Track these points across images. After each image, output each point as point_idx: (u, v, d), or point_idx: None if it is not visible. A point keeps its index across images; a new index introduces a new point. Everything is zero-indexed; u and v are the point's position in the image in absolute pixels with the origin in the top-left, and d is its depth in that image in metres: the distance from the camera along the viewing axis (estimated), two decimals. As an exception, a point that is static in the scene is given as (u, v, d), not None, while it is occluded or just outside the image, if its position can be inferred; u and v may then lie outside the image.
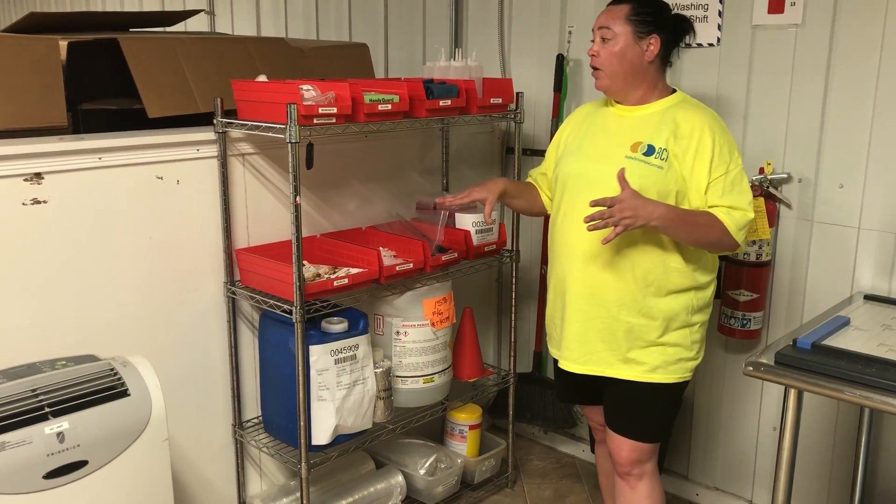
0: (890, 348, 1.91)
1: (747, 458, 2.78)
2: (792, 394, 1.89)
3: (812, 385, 1.82)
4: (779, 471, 1.95)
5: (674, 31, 2.07)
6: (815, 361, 1.85)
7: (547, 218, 2.46)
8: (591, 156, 2.11)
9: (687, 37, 2.12)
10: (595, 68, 2.09)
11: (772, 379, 1.90)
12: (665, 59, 2.08)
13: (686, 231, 1.96)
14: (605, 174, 2.03)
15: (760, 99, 2.54)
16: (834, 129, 2.41)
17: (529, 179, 2.42)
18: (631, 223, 1.89)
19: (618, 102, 2.14)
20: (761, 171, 2.53)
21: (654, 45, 2.03)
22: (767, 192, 2.50)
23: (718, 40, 2.60)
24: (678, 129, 2.01)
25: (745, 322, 2.55)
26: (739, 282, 2.54)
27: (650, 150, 2.01)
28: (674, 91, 2.11)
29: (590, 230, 1.95)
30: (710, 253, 2.09)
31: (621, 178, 1.93)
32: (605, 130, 2.13)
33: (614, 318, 2.06)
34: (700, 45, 2.63)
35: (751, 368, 1.91)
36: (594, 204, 1.92)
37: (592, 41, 2.09)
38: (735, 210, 1.99)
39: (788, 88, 2.48)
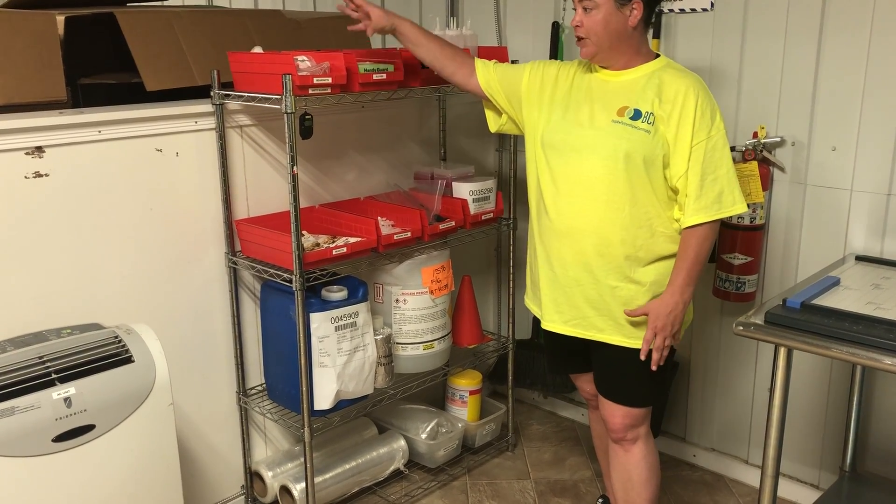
0: (878, 306, 1.95)
1: (743, 419, 2.82)
2: (781, 352, 1.93)
3: (800, 343, 1.86)
4: (770, 427, 1.99)
5: None
6: (804, 320, 1.89)
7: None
8: (577, 122, 2.09)
9: None
10: (580, 38, 2.05)
11: (762, 338, 1.94)
12: (647, 21, 2.06)
13: (699, 273, 2.04)
14: (590, 139, 2.04)
15: (754, 63, 2.55)
16: (826, 93, 2.43)
17: (479, 60, 2.32)
18: (675, 330, 2.04)
19: (603, 68, 2.12)
20: (755, 135, 2.54)
21: (637, 9, 1.99)
22: (761, 156, 2.52)
23: (712, 5, 2.60)
24: (663, 93, 2.00)
25: (739, 285, 2.59)
26: (734, 245, 2.56)
27: (637, 115, 2.01)
28: (657, 56, 2.10)
29: (654, 367, 2.08)
30: None
31: (632, 314, 2.07)
32: (589, 96, 2.10)
33: (602, 284, 2.08)
34: (694, 10, 2.64)
35: (741, 328, 1.95)
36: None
37: (574, 9, 2.05)
38: (703, 199, 1.99)
39: (782, 52, 2.49)
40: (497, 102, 2.30)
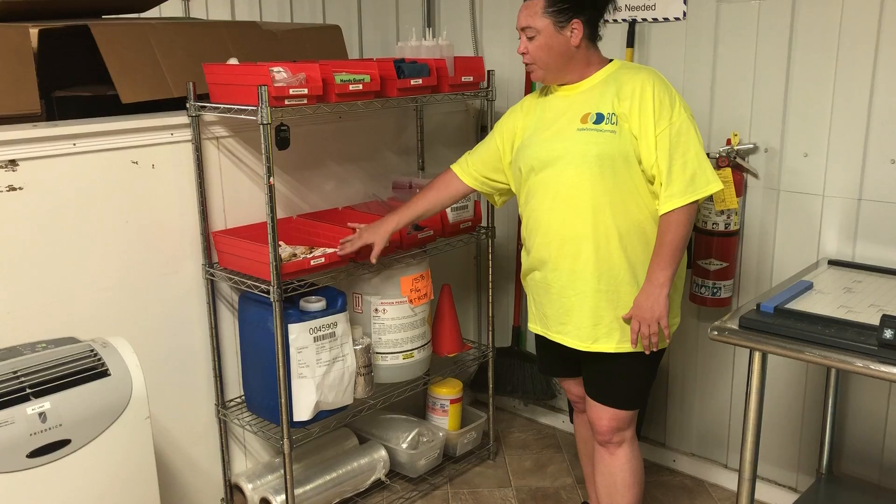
0: (850, 310, 1.97)
1: (721, 423, 2.85)
2: (756, 356, 1.95)
3: (774, 347, 1.88)
4: (746, 431, 2.01)
5: (594, 8, 2.08)
6: (778, 324, 1.91)
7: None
8: (546, 138, 2.14)
9: (609, 6, 2.12)
10: (527, 64, 2.13)
11: (736, 342, 1.96)
12: (592, 35, 2.10)
13: (677, 257, 2.03)
14: (561, 150, 2.09)
15: (726, 71, 2.59)
16: (797, 100, 2.46)
17: (454, 165, 2.42)
18: (661, 322, 2.02)
19: (560, 86, 2.17)
20: (728, 142, 2.57)
21: (577, 29, 2.05)
22: (734, 163, 2.55)
23: (684, 14, 2.63)
24: (620, 92, 2.04)
25: (715, 290, 2.61)
26: (709, 251, 2.59)
27: (599, 118, 2.05)
28: (611, 60, 2.14)
29: (647, 353, 2.09)
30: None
31: (626, 317, 2.08)
32: (554, 112, 2.16)
33: (598, 290, 2.10)
34: (666, 19, 2.67)
35: (716, 333, 1.97)
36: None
37: (520, 39, 2.12)
38: (673, 185, 2.00)
39: (753, 60, 2.53)
40: (495, 181, 2.35)
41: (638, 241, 2.08)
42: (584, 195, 2.06)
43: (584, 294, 2.11)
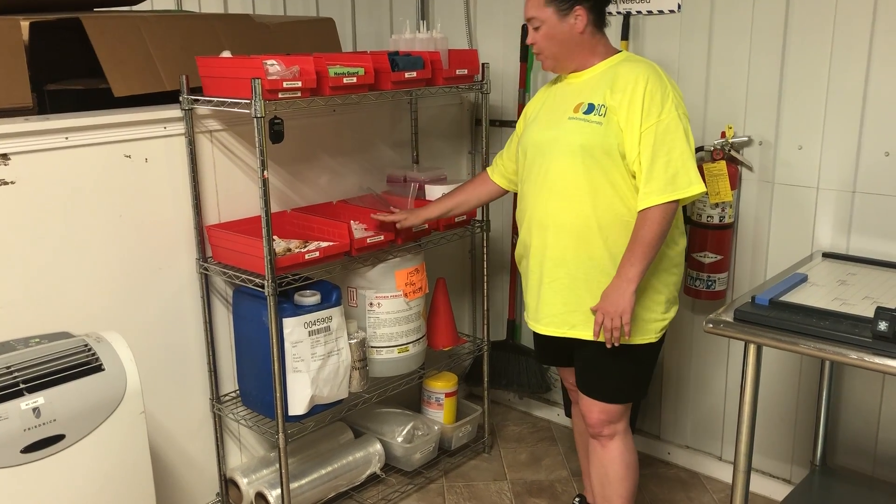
0: (844, 302, 1.98)
1: (716, 416, 2.85)
2: (751, 349, 1.95)
3: (769, 339, 1.89)
4: (741, 423, 2.01)
5: None
6: (773, 317, 1.91)
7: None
8: (544, 124, 2.17)
9: None
10: (537, 53, 2.16)
11: (731, 335, 1.96)
12: (598, 22, 2.11)
13: (649, 254, 2.00)
14: (552, 139, 2.11)
15: (721, 64, 2.58)
16: (792, 92, 2.46)
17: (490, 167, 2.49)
18: (623, 317, 2.01)
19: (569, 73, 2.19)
20: (723, 134, 2.57)
21: (580, 16, 2.06)
22: (729, 156, 2.55)
23: (679, 6, 2.63)
24: (615, 84, 2.04)
25: (710, 283, 2.61)
26: (704, 244, 2.59)
27: (590, 109, 2.06)
28: (619, 51, 2.15)
29: (608, 346, 2.07)
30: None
31: (593, 308, 2.07)
32: (555, 99, 2.19)
33: (575, 278, 2.11)
34: (661, 11, 2.66)
35: (711, 326, 1.97)
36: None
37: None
38: (653, 182, 1.99)
39: (748, 53, 2.52)
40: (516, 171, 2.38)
41: (621, 233, 2.07)
42: (567, 184, 2.08)
43: (557, 281, 2.13)
